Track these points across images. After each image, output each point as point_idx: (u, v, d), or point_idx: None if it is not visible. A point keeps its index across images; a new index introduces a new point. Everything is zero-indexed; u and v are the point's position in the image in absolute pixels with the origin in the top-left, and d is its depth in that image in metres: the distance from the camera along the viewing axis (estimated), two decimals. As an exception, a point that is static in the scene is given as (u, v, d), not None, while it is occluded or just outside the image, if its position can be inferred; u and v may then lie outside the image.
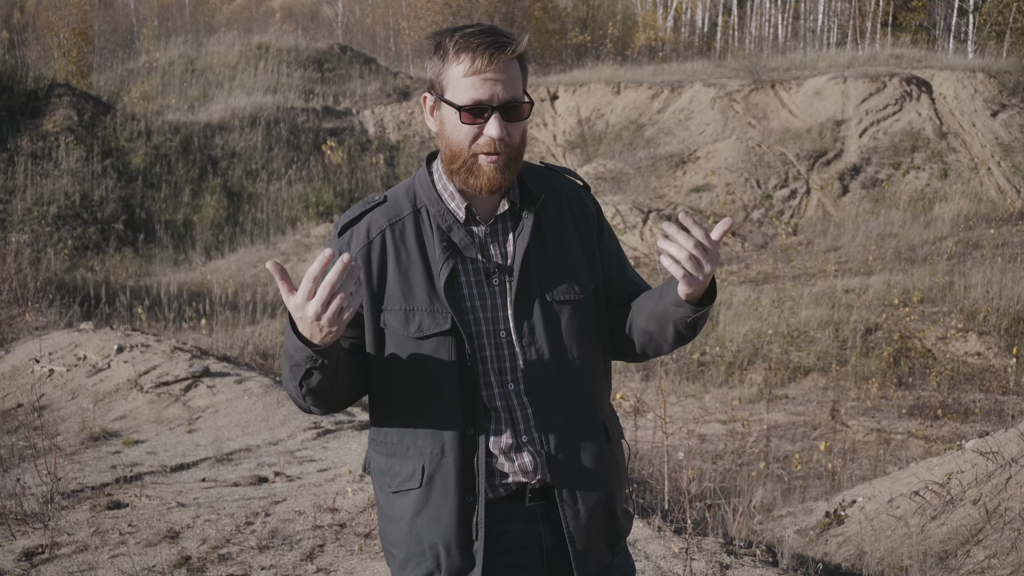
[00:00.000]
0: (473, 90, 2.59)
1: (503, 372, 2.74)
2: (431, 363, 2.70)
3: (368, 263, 2.73)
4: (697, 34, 59.24)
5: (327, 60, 41.77)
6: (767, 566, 5.74)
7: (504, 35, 2.63)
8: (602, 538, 2.84)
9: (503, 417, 2.73)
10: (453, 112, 2.63)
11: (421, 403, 2.72)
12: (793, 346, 16.32)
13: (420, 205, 2.79)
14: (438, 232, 2.74)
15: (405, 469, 2.77)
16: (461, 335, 2.68)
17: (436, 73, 2.67)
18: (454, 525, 2.71)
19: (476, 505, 2.72)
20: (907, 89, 30.92)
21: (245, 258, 25.13)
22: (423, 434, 2.73)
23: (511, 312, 2.74)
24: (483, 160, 2.64)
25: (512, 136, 2.65)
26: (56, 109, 30.48)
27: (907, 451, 11.73)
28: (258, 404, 10.01)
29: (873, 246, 21.85)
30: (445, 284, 2.69)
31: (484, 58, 2.58)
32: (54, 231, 26.01)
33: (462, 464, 2.70)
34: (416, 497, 2.75)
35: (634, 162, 30.03)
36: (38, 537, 6.45)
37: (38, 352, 11.81)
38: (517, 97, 2.64)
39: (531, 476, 2.76)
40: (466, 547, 2.72)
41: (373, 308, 2.73)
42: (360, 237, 2.76)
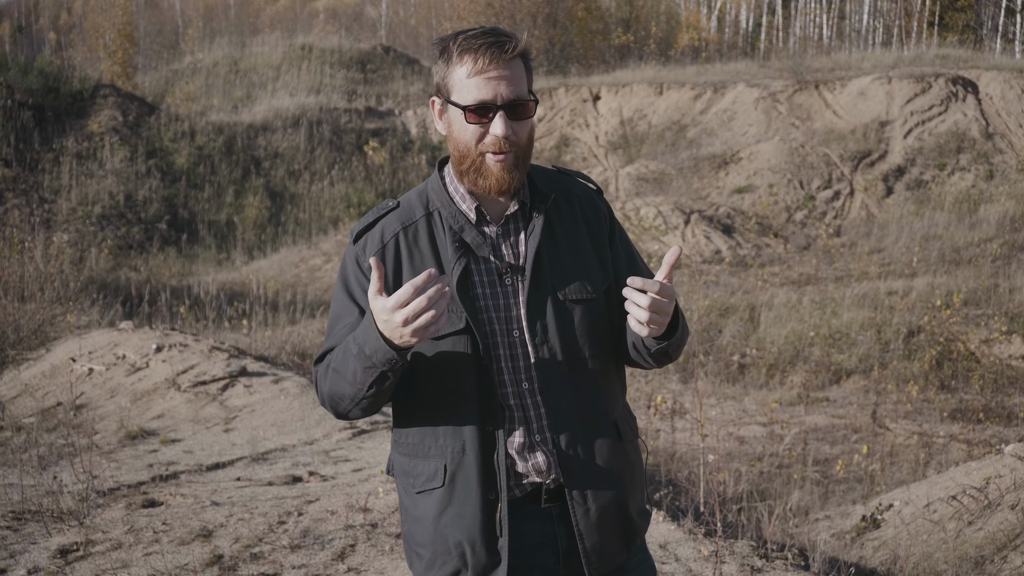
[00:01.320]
0: (477, 90, 2.63)
1: (517, 371, 2.76)
2: (448, 362, 2.73)
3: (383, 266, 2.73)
4: (741, 34, 58.97)
5: (370, 61, 41.93)
6: (798, 569, 5.69)
7: (505, 35, 2.67)
8: (614, 537, 2.84)
9: (517, 416, 2.75)
10: (459, 113, 2.67)
11: (440, 403, 2.75)
12: (834, 348, 16.19)
13: (432, 208, 2.82)
14: (450, 233, 2.77)
15: (428, 469, 2.79)
16: (475, 334, 2.70)
17: (442, 76, 2.71)
18: (478, 522, 2.73)
19: (499, 502, 2.74)
20: (953, 89, 30.63)
21: (287, 258, 25.25)
22: (444, 433, 2.76)
23: (524, 311, 2.75)
24: (490, 159, 2.67)
25: (519, 135, 2.68)
26: (101, 110, 30.77)
27: (948, 455, 11.60)
28: (294, 404, 10.04)
29: (917, 248, 21.66)
30: (458, 283, 2.71)
31: (486, 58, 2.62)
32: (98, 231, 26.25)
33: (483, 461, 2.73)
34: (439, 496, 2.77)
35: (676, 163, 29.93)
36: (73, 535, 6.49)
37: (78, 351, 11.91)
38: (521, 96, 2.67)
39: (545, 476, 2.77)
40: (491, 544, 2.74)
41: None
42: (374, 241, 2.81)
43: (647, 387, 14.32)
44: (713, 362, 16.02)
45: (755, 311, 17.79)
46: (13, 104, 28.88)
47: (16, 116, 28.68)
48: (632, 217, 24.57)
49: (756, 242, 23.91)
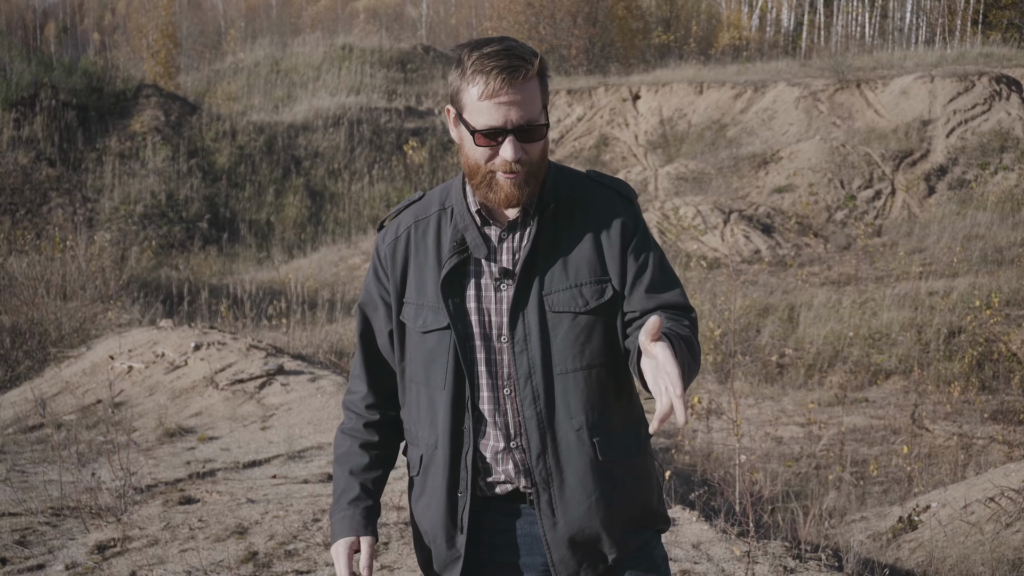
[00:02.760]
0: (488, 114, 2.60)
1: (498, 376, 2.76)
2: (432, 358, 2.79)
3: (394, 257, 2.86)
4: (782, 33, 58.67)
5: (410, 60, 42.04)
6: (832, 570, 5.67)
7: (520, 56, 2.61)
8: (585, 552, 2.80)
9: (492, 420, 2.77)
10: (469, 133, 2.66)
11: (424, 395, 2.82)
12: (874, 348, 16.09)
13: (447, 205, 2.85)
14: (453, 231, 2.79)
15: (413, 456, 2.89)
16: (455, 334, 2.74)
17: (455, 90, 2.69)
18: (441, 516, 2.80)
19: (463, 499, 2.78)
20: (996, 88, 30.35)
21: (326, 257, 25.36)
22: (424, 424, 2.84)
23: (507, 318, 2.74)
24: (500, 177, 2.66)
25: (530, 154, 2.65)
26: (144, 109, 31.02)
27: (988, 457, 11.50)
28: (331, 402, 10.08)
29: (959, 248, 21.47)
30: (444, 281, 2.75)
31: (497, 82, 2.58)
32: (140, 230, 26.46)
33: (451, 459, 2.77)
34: (417, 484, 2.88)
35: (716, 162, 29.83)
36: (111, 531, 6.55)
37: (118, 349, 12.01)
38: (532, 120, 2.63)
39: (516, 482, 2.79)
40: (451, 539, 2.80)
41: (396, 301, 2.85)
42: (391, 232, 2.91)
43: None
44: (751, 362, 15.95)
45: (794, 311, 17.70)
46: (58, 104, 29.17)
47: (60, 116, 28.96)
48: (671, 216, 24.51)
49: (796, 242, 23.79)
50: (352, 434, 2.95)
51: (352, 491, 2.88)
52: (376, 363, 2.96)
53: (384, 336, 2.91)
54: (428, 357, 2.78)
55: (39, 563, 6.01)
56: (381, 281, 2.89)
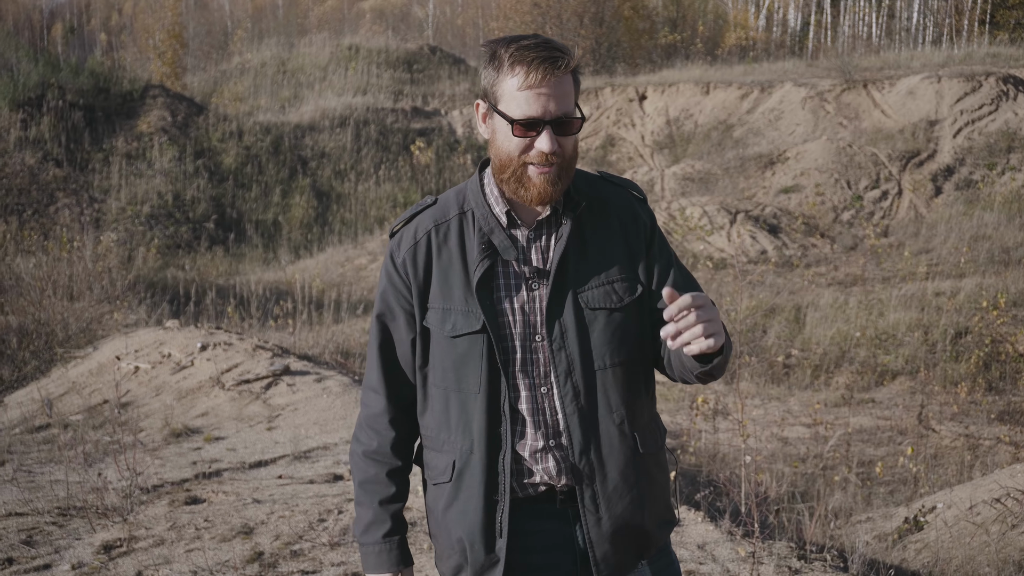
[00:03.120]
0: (527, 104, 2.63)
1: (536, 376, 2.77)
2: (463, 362, 2.77)
3: (415, 263, 2.81)
4: (789, 33, 58.62)
5: (416, 61, 42.05)
6: (837, 571, 5.66)
7: (559, 49, 2.65)
8: (626, 548, 2.84)
9: (531, 420, 2.77)
10: (506, 124, 2.67)
11: (454, 400, 2.80)
12: (881, 349, 16.07)
13: (467, 208, 2.84)
14: (479, 234, 2.78)
15: (440, 462, 2.84)
16: (491, 336, 2.73)
17: (490, 83, 2.71)
18: (479, 521, 2.78)
19: (501, 504, 2.77)
20: (1003, 88, 30.30)
21: (333, 257, 25.38)
22: (455, 429, 2.80)
23: (543, 316, 2.76)
24: (532, 171, 2.67)
25: (564, 149, 2.67)
26: (151, 110, 31.06)
27: (995, 457, 11.49)
28: (337, 403, 10.09)
29: (966, 248, 21.44)
30: (478, 284, 2.74)
31: (538, 73, 2.61)
32: (147, 230, 26.49)
33: (488, 463, 2.77)
34: (447, 491, 2.83)
35: (722, 163, 29.81)
36: (117, 531, 6.56)
37: (124, 350, 12.03)
38: (569, 112, 2.67)
39: (556, 480, 2.79)
40: (490, 544, 2.78)
41: (420, 308, 2.81)
42: (408, 238, 2.85)
43: (691, 387, 14.27)
44: (757, 363, 15.94)
45: (801, 311, 17.69)
46: (64, 104, 29.21)
47: (67, 116, 29.01)
48: (677, 217, 24.49)
49: (802, 242, 23.77)
50: (376, 459, 2.91)
51: (384, 524, 2.87)
52: (395, 374, 2.92)
53: (406, 345, 2.88)
54: (459, 361, 2.77)
55: (45, 563, 6.02)
56: (399, 289, 2.85)
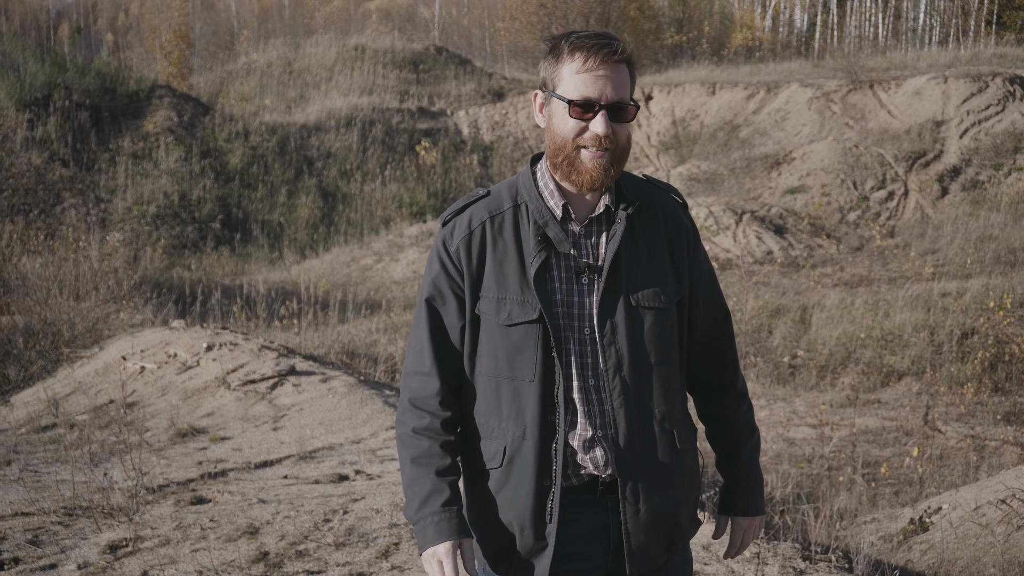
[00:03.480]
0: (584, 87, 2.76)
1: (584, 367, 2.86)
2: (518, 350, 2.86)
3: (468, 252, 2.90)
4: (795, 34, 58.55)
5: (422, 61, 42.05)
6: (842, 572, 5.66)
7: (616, 39, 2.80)
8: (660, 540, 2.93)
9: (581, 410, 2.85)
10: (562, 106, 2.79)
11: (507, 388, 2.88)
12: (886, 350, 16.05)
13: (520, 201, 2.94)
14: (534, 227, 2.88)
15: (489, 449, 2.92)
16: (547, 325, 2.82)
17: (550, 71, 2.85)
18: (530, 506, 2.85)
19: (552, 489, 2.85)
20: (1010, 89, 30.26)
21: (338, 258, 25.39)
22: (507, 416, 2.88)
23: (596, 311, 2.85)
24: (586, 155, 2.79)
25: (617, 135, 2.79)
26: (157, 110, 31.10)
27: (1001, 458, 11.47)
28: (342, 403, 10.10)
29: (972, 249, 21.41)
30: (536, 275, 2.83)
31: (596, 57, 2.75)
32: (153, 230, 26.53)
33: (541, 449, 2.85)
34: (497, 476, 2.91)
35: (728, 163, 29.79)
36: (123, 530, 6.57)
37: (130, 349, 12.04)
38: (624, 99, 2.79)
39: (602, 471, 2.88)
40: (539, 528, 2.86)
41: (471, 295, 2.91)
42: (462, 227, 2.94)
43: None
44: (763, 363, 15.93)
45: (806, 312, 17.68)
46: (71, 104, 29.26)
47: (74, 116, 29.05)
48: (683, 217, 24.44)
49: (808, 243, 23.75)
50: (429, 434, 2.94)
51: (443, 493, 2.87)
52: (447, 357, 2.97)
53: (456, 331, 2.95)
54: (513, 350, 2.85)
55: (51, 563, 6.04)
56: (451, 275, 2.93)
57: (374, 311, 17.95)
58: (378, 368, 12.54)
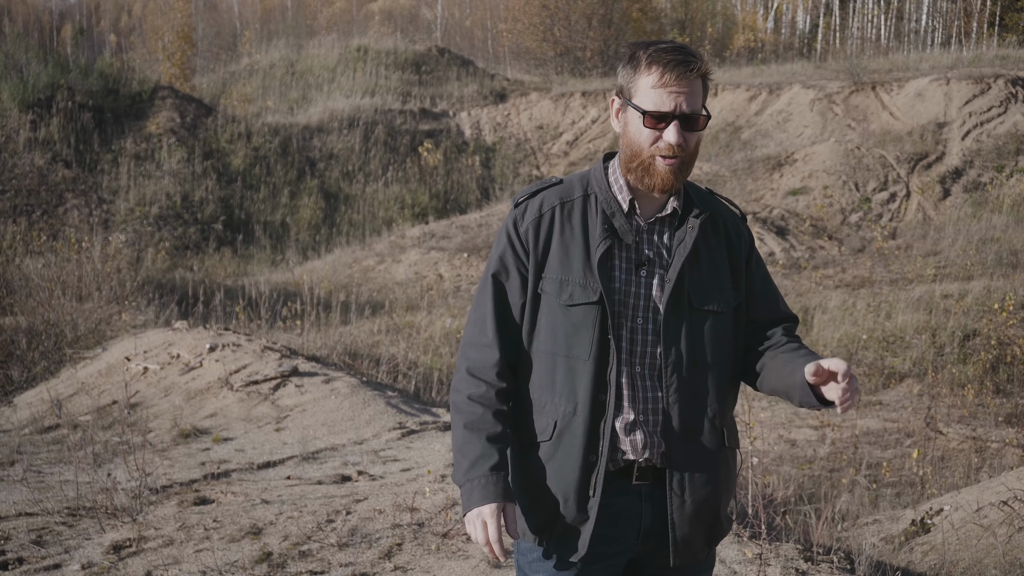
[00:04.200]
0: (659, 100, 2.91)
1: (633, 354, 3.00)
2: (576, 330, 3.00)
3: (537, 233, 3.06)
4: (797, 35, 58.58)
5: (425, 62, 42.07)
6: (844, 573, 5.68)
7: (692, 54, 2.95)
8: (702, 534, 3.07)
9: (627, 394, 2.99)
10: (638, 116, 2.95)
11: (562, 365, 3.01)
12: (888, 351, 16.07)
13: (591, 192, 3.11)
14: (602, 216, 3.03)
15: (541, 422, 3.05)
16: (606, 309, 2.96)
17: (627, 80, 3.01)
18: (575, 479, 2.98)
19: (597, 465, 2.97)
20: (1012, 91, 30.26)
21: (341, 259, 25.39)
22: (559, 392, 3.01)
23: (655, 305, 3.01)
24: (660, 162, 2.94)
25: (688, 143, 2.95)
26: (159, 111, 31.12)
27: (1002, 460, 11.48)
28: (344, 404, 10.12)
29: (974, 251, 21.42)
30: (599, 260, 2.97)
31: (673, 73, 2.90)
32: (155, 231, 26.56)
33: (590, 425, 2.97)
34: (546, 449, 3.03)
35: (730, 164, 29.79)
36: (126, 531, 6.59)
37: (133, 350, 12.06)
38: (696, 111, 2.95)
39: (639, 454, 2.99)
40: (583, 501, 2.98)
41: (535, 274, 3.05)
42: (533, 209, 3.10)
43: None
44: (765, 365, 15.91)
45: (808, 313, 17.69)
46: (74, 106, 29.29)
47: (76, 117, 29.08)
48: (685, 219, 24.44)
49: (810, 244, 23.76)
50: (483, 402, 3.05)
51: (492, 457, 2.98)
52: (507, 331, 3.09)
53: (517, 307, 3.08)
54: (572, 329, 2.99)
55: (55, 563, 6.06)
56: (518, 253, 3.08)
57: (376, 312, 17.97)
58: (380, 369, 12.56)
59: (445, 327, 16.56)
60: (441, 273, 22.48)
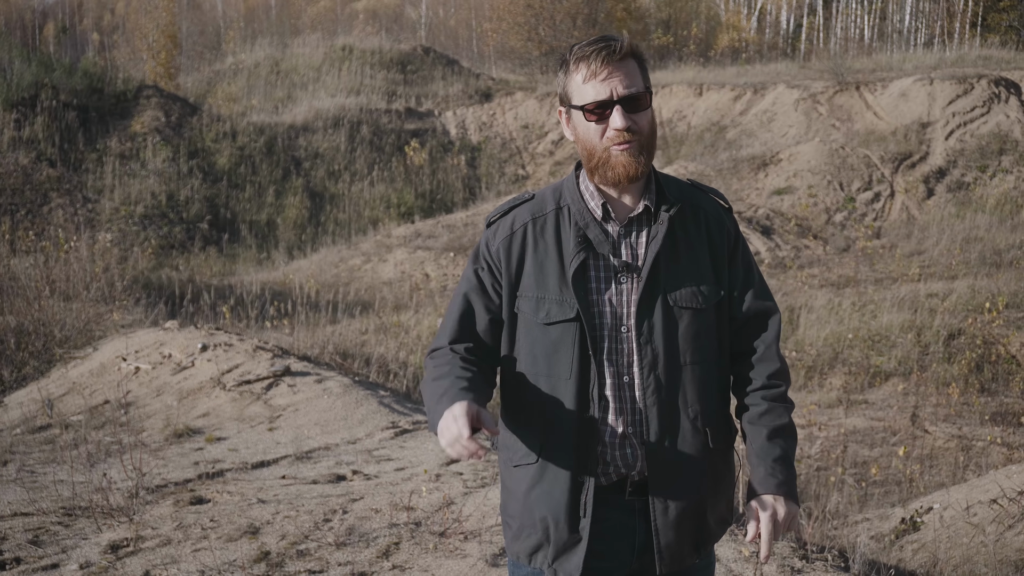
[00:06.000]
0: (593, 91, 2.88)
1: (619, 365, 2.93)
2: (555, 348, 2.93)
3: (509, 252, 3.00)
4: (781, 35, 58.74)
5: (410, 62, 42.05)
6: (838, 571, 5.74)
7: (613, 39, 2.91)
8: (688, 539, 2.99)
9: (613, 407, 2.93)
10: (580, 113, 2.93)
11: (544, 385, 2.95)
12: (874, 351, 16.16)
13: (563, 204, 3.05)
14: (575, 228, 2.97)
15: (525, 445, 3.00)
16: (584, 324, 2.89)
17: (563, 86, 3.01)
18: (564, 501, 2.92)
19: (586, 485, 2.91)
20: (995, 91, 30.43)
21: (327, 258, 25.39)
22: (544, 413, 2.95)
23: (634, 309, 2.92)
24: (615, 151, 2.88)
25: (639, 124, 2.90)
26: (144, 110, 31.06)
27: (988, 458, 11.58)
28: (337, 403, 10.14)
29: (958, 250, 21.55)
30: (574, 275, 2.91)
31: (598, 61, 2.87)
32: (141, 230, 26.52)
33: (577, 444, 2.91)
34: (533, 472, 2.97)
35: (715, 164, 29.87)
36: (123, 530, 6.61)
37: (125, 350, 12.06)
38: (636, 91, 2.91)
39: (631, 469, 2.95)
40: (573, 523, 2.92)
41: (510, 294, 3.00)
42: (504, 228, 3.05)
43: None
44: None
45: (794, 313, 17.77)
46: (58, 105, 29.22)
47: (61, 117, 29.01)
48: (671, 218, 24.48)
49: (795, 244, 23.85)
50: (447, 356, 3.00)
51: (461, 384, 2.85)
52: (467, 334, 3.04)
53: (485, 322, 3.03)
54: (551, 348, 2.93)
55: (53, 562, 6.08)
56: (490, 271, 3.04)
57: (364, 312, 17.98)
58: (371, 368, 12.59)
59: (433, 326, 16.59)
60: (428, 272, 22.51)
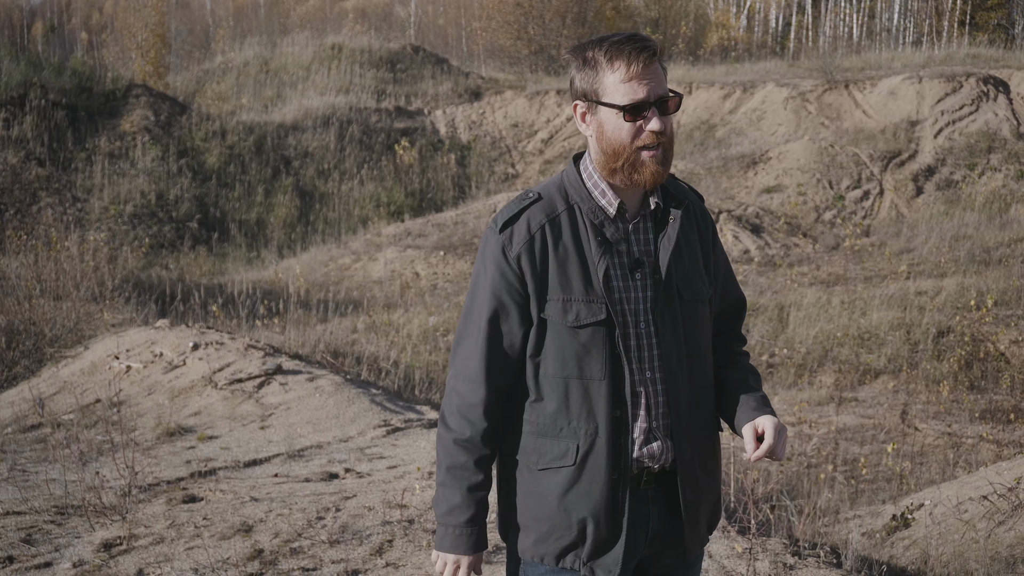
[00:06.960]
0: (633, 91, 2.84)
1: (642, 360, 2.96)
2: (586, 351, 2.92)
3: (532, 257, 2.94)
4: (770, 34, 58.84)
5: (399, 60, 42.02)
6: (831, 567, 5.77)
7: (648, 39, 2.88)
8: (707, 523, 3.11)
9: (642, 403, 2.95)
10: (615, 113, 2.87)
11: (576, 388, 2.95)
12: (863, 348, 16.20)
13: (572, 202, 3.00)
14: (592, 228, 2.95)
15: (557, 448, 2.97)
16: (614, 324, 2.91)
17: (589, 82, 2.91)
18: (605, 500, 2.93)
19: (622, 482, 2.94)
20: (984, 89, 30.51)
21: (316, 257, 25.37)
22: (577, 415, 2.94)
23: (651, 306, 2.96)
24: (645, 155, 2.87)
25: (668, 128, 2.89)
26: (133, 109, 31.00)
27: (978, 455, 11.62)
28: (329, 402, 10.15)
29: (947, 248, 21.59)
30: (604, 277, 2.91)
31: (639, 63, 2.84)
32: (130, 229, 26.47)
33: (613, 444, 2.93)
34: (568, 474, 2.96)
35: (705, 163, 29.90)
36: (116, 529, 6.62)
37: (116, 349, 12.05)
38: (668, 92, 2.90)
39: (655, 461, 2.98)
40: (614, 520, 2.95)
41: (538, 299, 2.94)
42: (522, 232, 2.96)
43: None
44: (742, 362, 15.99)
45: (784, 311, 17.81)
46: (47, 104, 29.15)
47: (50, 116, 28.94)
48: (661, 217, 24.50)
49: (785, 242, 23.90)
50: (467, 447, 3.01)
51: (469, 509, 3.01)
52: (500, 365, 3.00)
53: (518, 337, 2.98)
54: (582, 350, 2.92)
55: (46, 561, 6.09)
56: (512, 283, 2.95)
57: (354, 310, 17.98)
58: (363, 367, 12.60)
59: (423, 325, 16.61)
60: (418, 271, 22.51)
